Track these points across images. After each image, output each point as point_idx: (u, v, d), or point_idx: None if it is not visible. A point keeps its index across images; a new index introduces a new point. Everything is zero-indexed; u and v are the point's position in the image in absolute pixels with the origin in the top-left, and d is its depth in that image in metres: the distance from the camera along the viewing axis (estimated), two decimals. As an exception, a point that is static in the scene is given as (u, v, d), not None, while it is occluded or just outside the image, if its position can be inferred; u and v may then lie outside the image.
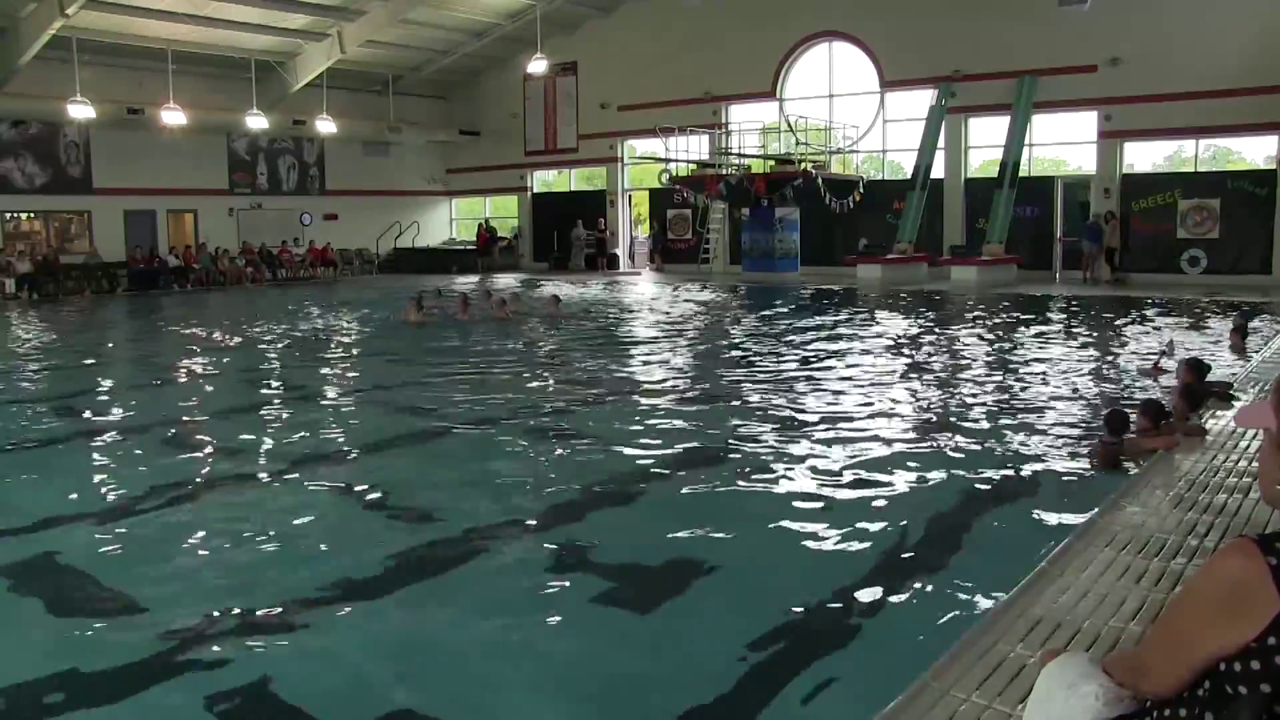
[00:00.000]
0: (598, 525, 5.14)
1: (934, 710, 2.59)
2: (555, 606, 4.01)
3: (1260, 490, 1.85)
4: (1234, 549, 1.61)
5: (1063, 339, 12.19)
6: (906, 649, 3.40)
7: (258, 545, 4.80)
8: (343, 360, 11.77)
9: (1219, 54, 18.87)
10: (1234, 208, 19.56)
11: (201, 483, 6.03)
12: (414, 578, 4.35)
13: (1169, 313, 14.63)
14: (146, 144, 23.03)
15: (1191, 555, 3.73)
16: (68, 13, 18.49)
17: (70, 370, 11.26)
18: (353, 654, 3.59)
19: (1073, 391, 8.55)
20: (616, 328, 14.59)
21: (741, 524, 5.05)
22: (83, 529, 5.11)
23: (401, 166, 29.42)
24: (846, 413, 7.76)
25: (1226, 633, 1.58)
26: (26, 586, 4.34)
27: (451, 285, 21.91)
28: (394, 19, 23.07)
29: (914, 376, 9.65)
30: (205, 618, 3.87)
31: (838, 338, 12.61)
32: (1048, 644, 2.87)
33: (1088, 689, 1.88)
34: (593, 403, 8.56)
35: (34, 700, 3.29)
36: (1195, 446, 5.54)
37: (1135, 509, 4.35)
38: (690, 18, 23.90)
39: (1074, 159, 22.86)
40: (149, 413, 8.38)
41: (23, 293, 20.99)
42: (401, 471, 6.34)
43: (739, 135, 24.45)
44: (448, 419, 7.81)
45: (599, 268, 26.51)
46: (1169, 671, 1.71)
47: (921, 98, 22.75)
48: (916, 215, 21.89)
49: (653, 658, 3.59)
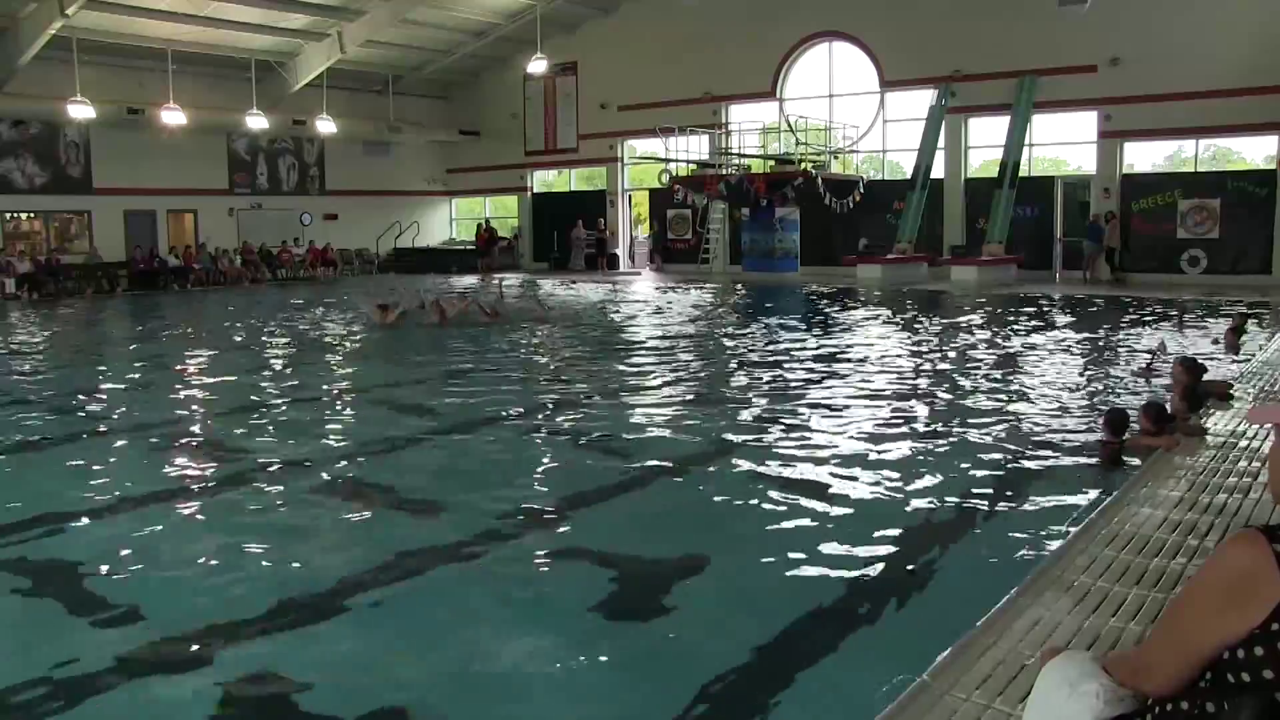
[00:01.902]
0: (597, 525, 5.14)
1: (934, 710, 2.59)
2: (555, 606, 4.01)
3: (1270, 487, 1.85)
4: (1241, 538, 1.63)
5: (1062, 339, 12.18)
6: (906, 649, 3.40)
7: (257, 545, 4.80)
8: (335, 360, 11.76)
9: (1219, 54, 18.87)
10: (1234, 208, 19.55)
11: (201, 482, 6.03)
12: (414, 578, 4.34)
13: (1166, 313, 14.62)
14: (146, 144, 23.01)
15: (1191, 555, 3.72)
16: (68, 13, 18.49)
17: (70, 370, 11.26)
18: (352, 654, 3.59)
19: (1071, 392, 8.54)
20: (613, 328, 14.59)
21: (741, 524, 5.06)
22: (82, 529, 5.11)
23: (401, 166, 29.42)
24: (845, 413, 7.75)
25: (1232, 621, 1.59)
26: (26, 586, 4.34)
27: (431, 285, 21.88)
28: (394, 19, 23.07)
29: (913, 376, 9.65)
30: (205, 618, 3.87)
31: (837, 338, 12.61)
32: (1047, 644, 2.87)
33: (1088, 688, 1.88)
34: (593, 402, 8.56)
35: (34, 700, 3.28)
36: (1195, 446, 5.54)
37: (1135, 509, 4.35)
38: (690, 18, 23.90)
39: (1074, 159, 22.88)
40: (148, 412, 8.37)
41: (23, 292, 21.00)
42: (400, 471, 6.33)
43: (739, 135, 24.45)
44: (446, 419, 7.81)
45: (599, 268, 26.51)
46: (1172, 669, 1.72)
47: (921, 98, 22.75)
48: (916, 215, 21.89)
49: (652, 658, 3.59)
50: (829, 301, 17.69)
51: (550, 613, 3.95)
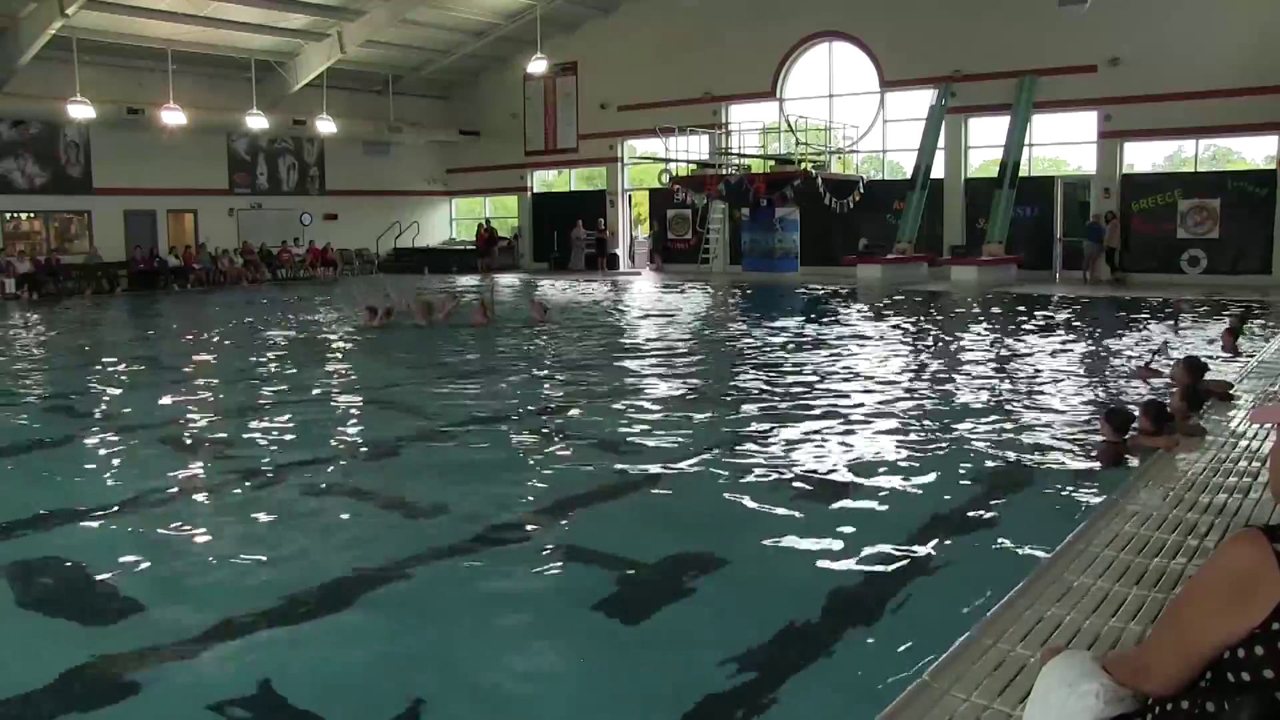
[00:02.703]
0: (596, 525, 5.13)
1: (934, 710, 2.59)
2: (555, 606, 4.02)
3: (1270, 486, 1.86)
4: (1241, 538, 1.63)
5: (1062, 339, 12.19)
6: (906, 649, 3.41)
7: (257, 545, 4.80)
8: (331, 360, 11.75)
9: (1219, 54, 18.88)
10: (1234, 208, 19.56)
11: (201, 482, 6.03)
12: (413, 577, 4.34)
13: (1167, 313, 14.61)
14: (146, 144, 23.01)
15: (1191, 555, 3.72)
16: (68, 13, 18.49)
17: (69, 370, 11.25)
18: (351, 654, 3.59)
19: (1071, 391, 8.54)
20: (612, 328, 14.58)
21: (740, 524, 5.05)
22: (82, 529, 5.11)
23: (401, 166, 29.41)
24: (845, 413, 7.75)
25: (1232, 621, 1.60)
26: (26, 586, 4.34)
27: (423, 285, 21.88)
28: (394, 19, 23.07)
29: (913, 376, 9.65)
30: (205, 618, 3.86)
31: (836, 337, 12.61)
32: (1047, 644, 2.87)
33: (1088, 688, 1.88)
34: (592, 402, 8.56)
35: (34, 700, 3.28)
36: (1195, 446, 5.54)
37: (1135, 509, 4.34)
38: (690, 18, 23.90)
39: (1074, 159, 22.88)
40: (147, 412, 8.36)
41: (23, 292, 20.99)
42: (398, 471, 6.33)
43: (739, 135, 24.45)
44: (444, 419, 7.80)
45: (599, 268, 26.51)
46: (1172, 669, 1.72)
47: (921, 98, 22.75)
48: (916, 215, 21.90)
49: (652, 657, 3.58)
50: (829, 302, 17.69)
51: (550, 612, 3.95)
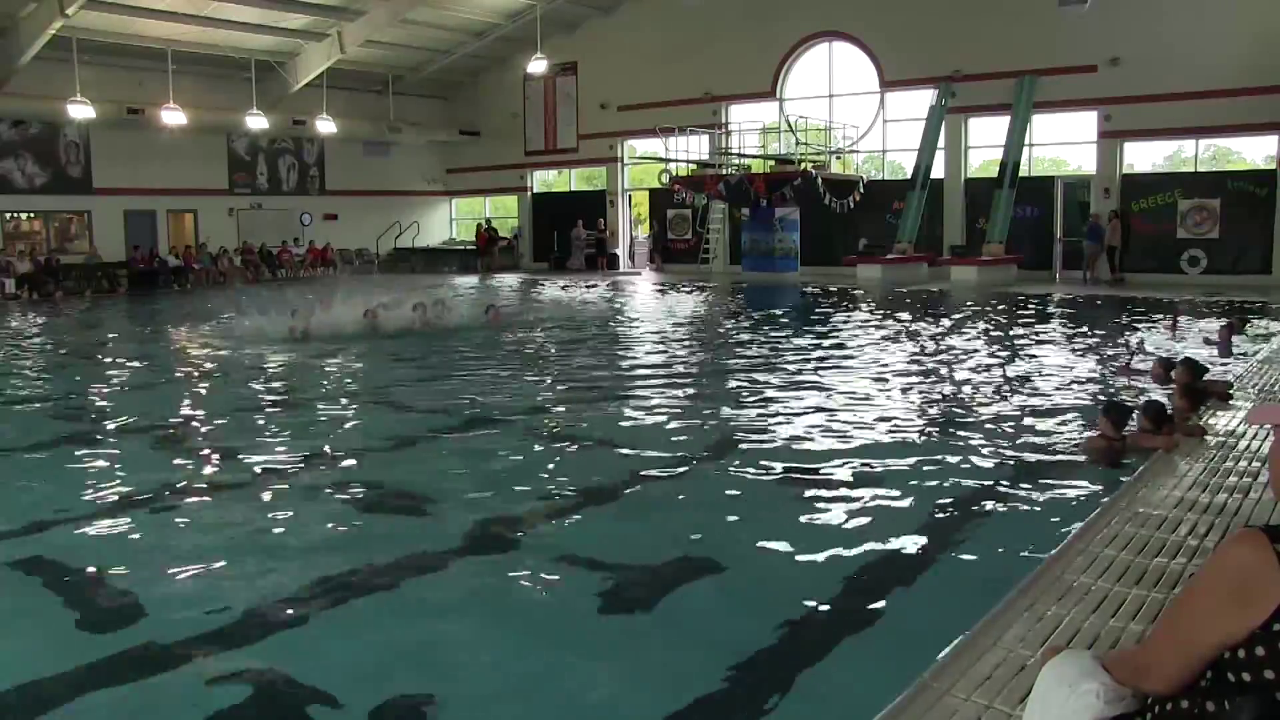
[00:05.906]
0: (597, 525, 5.13)
1: (934, 710, 2.59)
2: (554, 606, 4.02)
3: (1270, 486, 1.86)
4: (1242, 538, 1.63)
5: (1063, 339, 12.19)
6: (906, 649, 3.40)
7: (257, 545, 4.80)
8: (329, 361, 11.74)
9: (1219, 54, 18.87)
10: (1234, 208, 19.56)
11: (200, 482, 6.03)
12: (412, 578, 4.34)
13: (1165, 313, 14.61)
14: (146, 144, 23.03)
15: (1191, 555, 3.72)
16: (68, 13, 18.49)
17: (69, 370, 11.25)
18: (351, 654, 3.59)
19: (1072, 392, 8.53)
20: (612, 328, 14.58)
21: (741, 523, 5.05)
22: (82, 529, 5.10)
23: (401, 166, 29.43)
24: (844, 413, 7.75)
25: (1234, 621, 1.60)
26: (26, 586, 4.33)
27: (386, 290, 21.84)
28: (394, 19, 23.07)
29: (912, 376, 9.65)
30: (205, 618, 3.87)
31: (836, 337, 12.60)
32: (1048, 644, 2.87)
33: (1088, 687, 1.88)
34: (589, 403, 8.56)
35: (34, 700, 3.28)
36: (1195, 446, 5.54)
37: (1135, 509, 4.35)
38: (690, 18, 23.91)
39: (1074, 159, 22.87)
40: (147, 412, 8.36)
41: (22, 292, 20.99)
42: (397, 471, 6.33)
43: (739, 135, 24.45)
44: (443, 419, 7.80)
45: (599, 268, 26.52)
46: (1172, 669, 1.72)
47: (921, 98, 22.75)
48: (916, 215, 21.90)
49: (651, 657, 3.58)
50: (829, 301, 17.68)
51: (549, 612, 3.95)
